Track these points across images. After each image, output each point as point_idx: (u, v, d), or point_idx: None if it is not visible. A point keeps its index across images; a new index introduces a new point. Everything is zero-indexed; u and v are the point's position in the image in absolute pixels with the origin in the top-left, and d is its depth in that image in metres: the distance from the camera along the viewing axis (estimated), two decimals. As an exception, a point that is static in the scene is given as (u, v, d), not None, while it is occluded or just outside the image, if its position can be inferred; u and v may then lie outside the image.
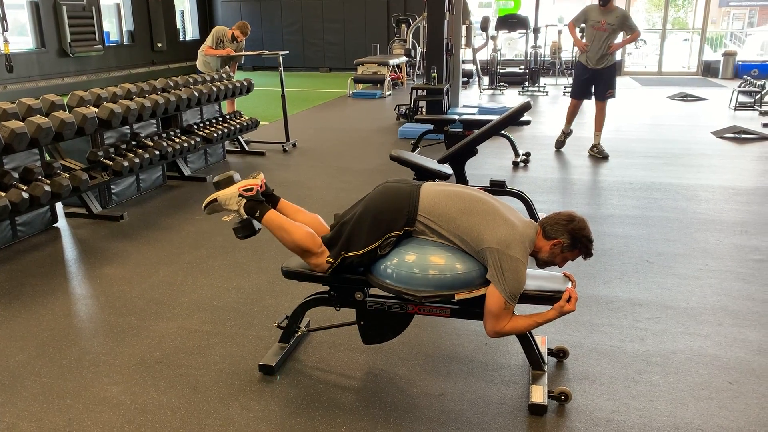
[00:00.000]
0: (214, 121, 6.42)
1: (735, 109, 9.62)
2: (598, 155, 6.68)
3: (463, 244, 2.39)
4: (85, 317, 3.23)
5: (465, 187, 2.58)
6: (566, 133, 7.07)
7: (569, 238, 2.39)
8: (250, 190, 2.57)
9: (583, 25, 6.79)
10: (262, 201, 2.59)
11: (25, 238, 4.36)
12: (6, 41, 9.67)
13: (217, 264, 3.88)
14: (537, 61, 12.22)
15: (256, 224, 2.61)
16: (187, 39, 16.44)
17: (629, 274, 3.69)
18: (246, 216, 2.57)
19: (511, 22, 12.87)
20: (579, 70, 6.82)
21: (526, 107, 4.39)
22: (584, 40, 6.67)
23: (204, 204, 2.59)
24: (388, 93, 11.93)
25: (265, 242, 4.11)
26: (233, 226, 2.62)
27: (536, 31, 12.52)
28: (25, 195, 3.96)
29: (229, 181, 2.60)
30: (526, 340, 2.54)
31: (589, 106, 7.10)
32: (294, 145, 7.37)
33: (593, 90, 6.71)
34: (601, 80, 6.62)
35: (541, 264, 2.48)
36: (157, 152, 5.21)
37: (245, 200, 2.56)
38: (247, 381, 2.64)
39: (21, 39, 11.78)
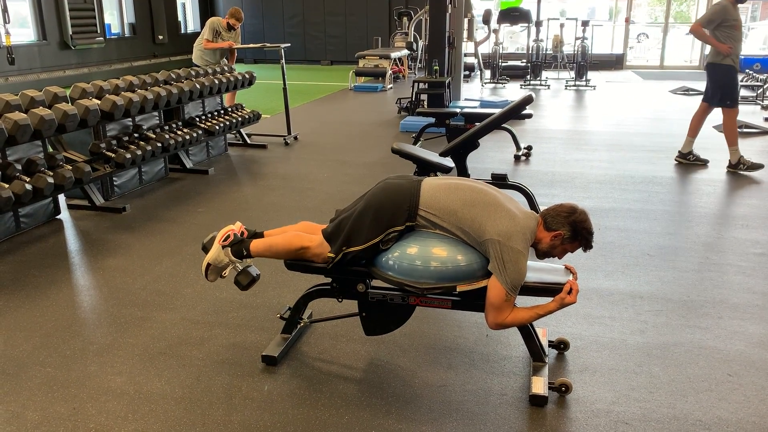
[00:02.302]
0: (215, 113, 6.42)
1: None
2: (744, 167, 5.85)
3: (465, 236, 2.40)
4: (88, 308, 3.25)
5: (466, 179, 2.59)
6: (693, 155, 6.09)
7: (570, 230, 2.40)
8: (228, 237, 2.67)
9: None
10: (242, 240, 2.68)
11: (28, 229, 4.38)
12: (7, 33, 9.67)
13: (219, 256, 3.89)
14: (539, 55, 12.19)
15: (254, 270, 2.69)
16: (188, 31, 16.40)
17: (630, 266, 3.70)
18: (236, 259, 2.65)
19: (513, 15, 12.84)
20: (733, 73, 5.83)
21: (527, 101, 4.39)
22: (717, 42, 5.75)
23: (203, 274, 2.70)
24: (389, 86, 11.91)
25: (267, 234, 4.12)
26: (233, 281, 2.69)
27: (538, 24, 12.48)
28: (28, 186, 3.97)
29: (210, 242, 2.71)
30: (527, 331, 2.55)
31: (591, 98, 7.07)
32: (295, 138, 7.37)
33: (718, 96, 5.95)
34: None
35: (541, 255, 2.49)
36: (159, 145, 5.22)
37: (229, 248, 2.65)
38: (250, 371, 2.66)
39: (22, 31, 11.76)
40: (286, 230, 2.78)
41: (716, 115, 6.22)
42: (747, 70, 11.65)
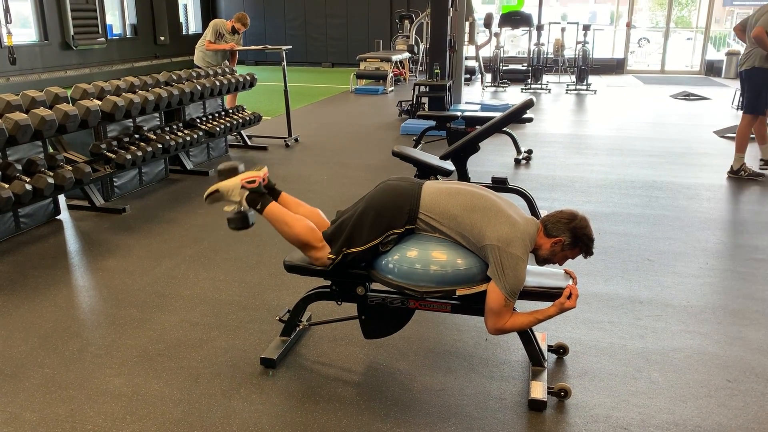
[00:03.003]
0: (216, 115, 6.43)
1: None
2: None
3: (464, 241, 2.40)
4: (87, 309, 3.24)
5: (467, 183, 2.59)
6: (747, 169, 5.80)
7: (570, 237, 2.40)
8: (253, 182, 2.58)
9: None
10: (264, 193, 2.60)
11: (28, 229, 4.37)
12: (9, 33, 9.68)
13: (219, 257, 3.89)
14: (540, 59, 12.20)
15: (251, 218, 2.62)
16: (189, 33, 16.42)
17: (630, 271, 3.70)
18: (248, 208, 2.58)
19: (514, 19, 12.86)
20: None
21: (528, 104, 4.39)
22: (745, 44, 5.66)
23: (206, 194, 2.61)
24: (390, 89, 11.92)
25: (267, 236, 4.13)
26: (228, 217, 2.61)
27: (539, 28, 12.50)
28: (29, 187, 3.97)
29: (233, 172, 2.61)
30: (526, 336, 2.55)
31: (592, 102, 7.08)
32: (296, 140, 7.37)
33: None
34: None
35: (541, 261, 2.49)
36: (159, 146, 5.22)
37: (248, 192, 2.57)
38: (249, 374, 2.65)
39: (24, 31, 11.77)
40: (301, 209, 2.71)
41: (717, 119, 6.22)
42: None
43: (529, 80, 12.20)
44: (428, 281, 2.40)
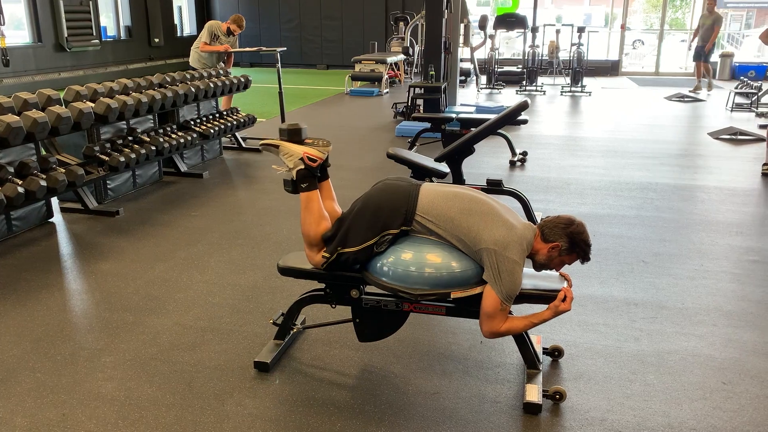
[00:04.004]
0: (210, 117, 6.41)
1: (731, 111, 9.64)
2: None
3: (460, 244, 2.39)
4: (79, 313, 3.22)
5: (464, 187, 2.58)
6: None
7: (567, 242, 2.39)
8: (314, 161, 2.58)
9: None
10: (315, 176, 2.61)
11: (20, 232, 4.34)
12: (2, 35, 9.63)
13: (212, 260, 3.87)
14: (535, 61, 12.21)
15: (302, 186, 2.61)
16: (184, 35, 16.38)
17: (625, 274, 3.70)
18: (295, 174, 2.58)
19: (509, 21, 12.86)
20: None
21: (523, 106, 4.39)
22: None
23: (265, 142, 2.62)
24: (385, 91, 11.92)
25: (261, 239, 4.11)
26: (285, 180, 2.63)
27: (534, 30, 12.52)
28: (21, 189, 3.94)
29: (296, 134, 2.61)
30: (521, 338, 2.54)
31: (587, 104, 7.09)
32: (291, 142, 7.34)
33: None
34: None
35: (538, 267, 2.48)
36: (153, 148, 5.20)
37: (303, 167, 2.57)
38: (242, 378, 2.63)
39: (18, 33, 11.72)
40: (330, 205, 2.71)
41: (711, 121, 6.23)
42: (741, 77, 11.70)
43: (524, 82, 12.22)
44: (423, 284, 2.39)
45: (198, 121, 6.18)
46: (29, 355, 2.80)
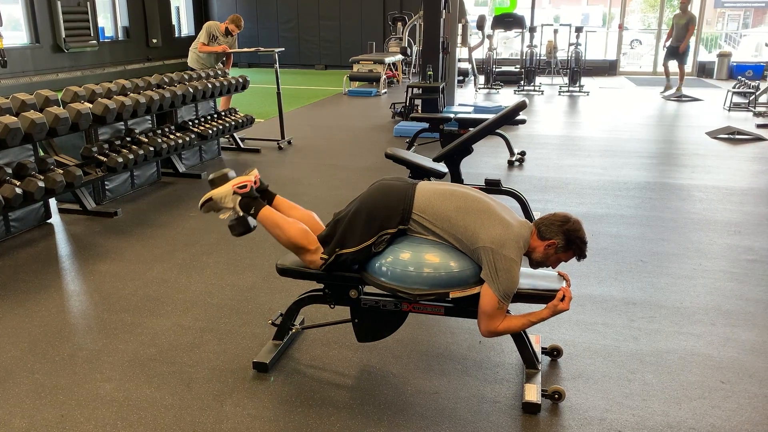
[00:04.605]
0: (209, 117, 6.40)
1: (729, 110, 9.65)
2: None
3: (457, 243, 2.39)
4: (78, 313, 3.22)
5: (460, 185, 2.58)
6: None
7: (564, 239, 2.39)
8: (244, 187, 2.57)
9: None
10: (256, 197, 2.59)
11: (18, 233, 4.34)
12: (0, 36, 9.62)
13: (211, 261, 3.87)
14: (532, 61, 12.21)
15: (252, 221, 2.61)
16: (182, 35, 16.37)
17: (623, 273, 3.70)
18: (242, 213, 2.57)
19: (507, 21, 12.87)
20: None
21: (521, 106, 4.39)
22: None
23: (200, 203, 2.59)
24: (383, 91, 11.91)
25: (260, 239, 4.11)
26: (228, 224, 2.61)
27: (532, 30, 12.51)
28: (19, 190, 3.94)
29: (224, 179, 2.60)
30: (520, 338, 2.54)
31: (584, 103, 7.09)
32: (289, 142, 7.35)
33: None
34: None
35: (534, 264, 2.48)
36: (151, 149, 5.19)
37: (240, 197, 2.56)
38: (241, 378, 2.63)
39: (15, 34, 11.70)
40: (295, 212, 2.69)
41: (709, 120, 6.24)
42: (739, 77, 11.71)
43: (522, 82, 12.22)
44: (421, 284, 2.39)
45: (196, 121, 6.17)
46: (27, 356, 2.79)
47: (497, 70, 12.74)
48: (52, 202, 4.84)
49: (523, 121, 6.38)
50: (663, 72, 11.82)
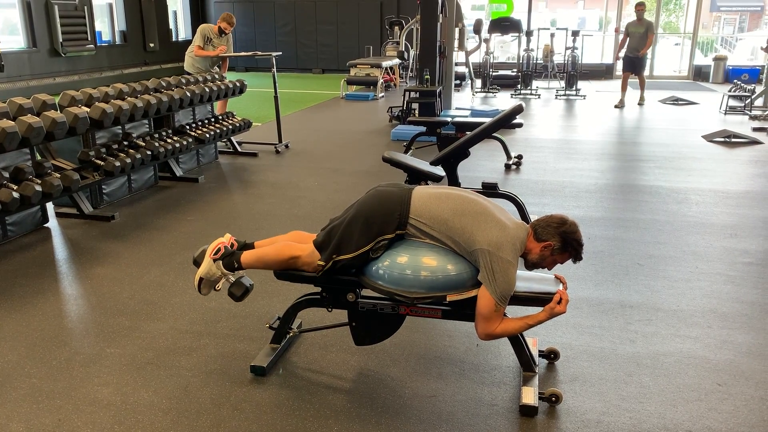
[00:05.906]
0: (206, 121, 6.41)
1: (725, 113, 9.69)
2: None
3: (455, 246, 2.40)
4: (75, 318, 3.21)
5: (457, 188, 2.59)
6: None
7: (560, 241, 2.40)
8: (219, 251, 2.65)
9: None
10: (232, 252, 2.66)
11: (16, 237, 4.33)
12: (-3, 40, 9.62)
13: (208, 265, 3.87)
14: (529, 65, 12.25)
15: (247, 280, 2.67)
16: (179, 39, 16.39)
17: (620, 276, 3.71)
18: (233, 278, 2.63)
19: (503, 25, 12.91)
20: None
21: (518, 110, 4.40)
22: None
23: (197, 288, 2.66)
24: (380, 95, 11.93)
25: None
26: (227, 293, 2.66)
27: (529, 34, 12.56)
28: (16, 195, 3.94)
29: (201, 255, 2.68)
30: (517, 341, 2.55)
31: (581, 107, 7.11)
32: (286, 146, 7.36)
33: None
34: None
35: (530, 266, 2.49)
36: (148, 153, 5.19)
37: (220, 261, 2.62)
38: (239, 382, 2.63)
39: (12, 38, 11.70)
40: (276, 240, 2.76)
41: (705, 124, 6.26)
42: (735, 81, 11.76)
43: (519, 86, 12.25)
44: (419, 287, 2.40)
45: (193, 125, 6.18)
46: (25, 361, 2.79)
47: (494, 73, 12.77)
48: (49, 206, 4.84)
49: (519, 125, 6.42)
50: (629, 82, 11.05)
